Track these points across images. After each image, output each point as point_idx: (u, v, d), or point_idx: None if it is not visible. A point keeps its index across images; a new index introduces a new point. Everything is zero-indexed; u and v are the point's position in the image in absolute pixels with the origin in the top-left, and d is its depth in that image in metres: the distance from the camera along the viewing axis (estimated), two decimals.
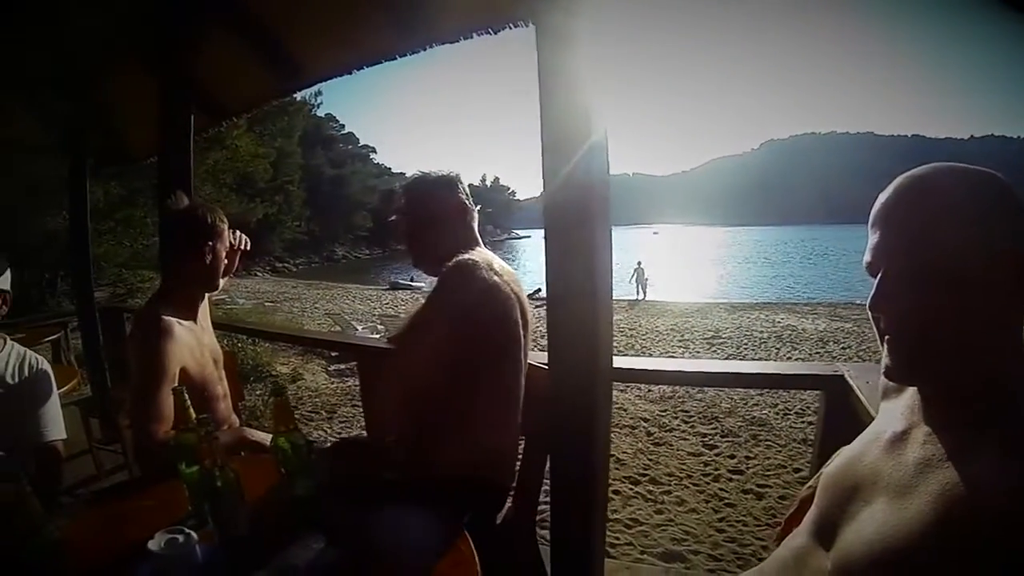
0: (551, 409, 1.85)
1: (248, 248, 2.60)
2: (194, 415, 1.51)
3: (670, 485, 5.51)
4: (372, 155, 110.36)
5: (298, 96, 33.14)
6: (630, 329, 17.07)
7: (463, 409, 1.75)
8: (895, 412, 1.02)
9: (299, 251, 65.58)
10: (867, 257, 0.94)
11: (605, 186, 1.66)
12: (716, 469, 5.99)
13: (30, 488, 1.16)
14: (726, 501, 5.17)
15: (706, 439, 6.93)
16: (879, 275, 0.91)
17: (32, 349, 2.33)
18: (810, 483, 1.31)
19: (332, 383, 9.38)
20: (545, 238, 1.70)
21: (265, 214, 31.74)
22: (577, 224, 1.64)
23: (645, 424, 7.37)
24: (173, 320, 2.08)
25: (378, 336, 10.32)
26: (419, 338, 1.90)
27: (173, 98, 3.26)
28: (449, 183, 2.05)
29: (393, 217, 2.14)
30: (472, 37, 2.52)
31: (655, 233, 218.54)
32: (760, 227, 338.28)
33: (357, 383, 8.83)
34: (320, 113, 63.24)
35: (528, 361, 1.99)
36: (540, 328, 2.08)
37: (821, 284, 42.00)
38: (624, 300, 24.11)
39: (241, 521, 1.38)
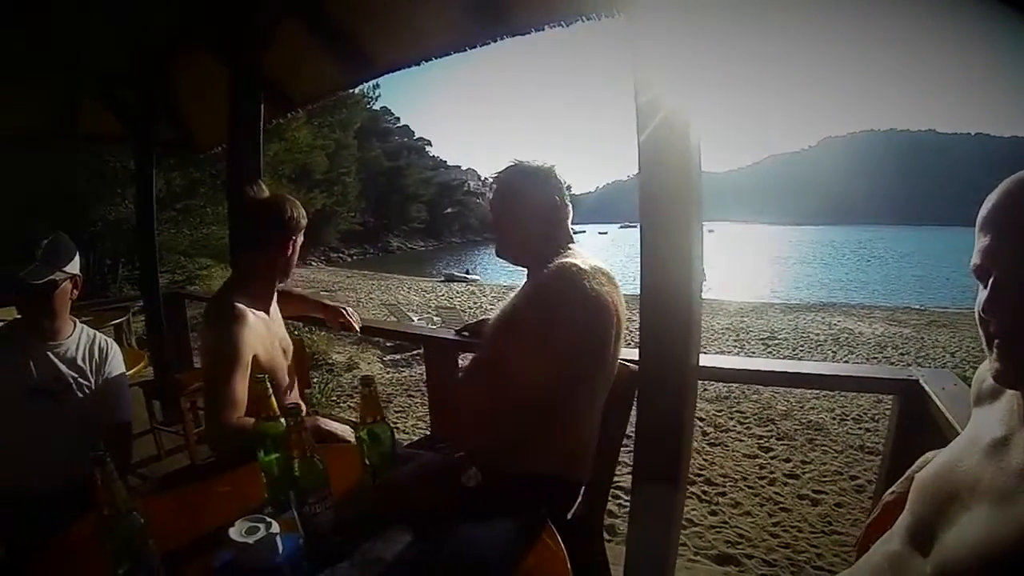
0: (639, 406, 1.81)
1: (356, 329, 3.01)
2: (276, 404, 1.53)
3: (725, 487, 5.46)
4: (427, 148, 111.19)
5: (356, 89, 33.60)
6: None
7: (551, 414, 1.68)
8: (992, 418, 1.01)
9: (354, 241, 66.65)
10: (975, 260, 0.92)
11: (699, 182, 1.61)
12: (771, 472, 5.91)
13: (115, 471, 1.16)
14: (781, 505, 5.11)
15: (762, 441, 6.85)
16: (990, 280, 0.89)
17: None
18: (893, 488, 1.30)
19: (388, 372, 9.50)
20: (641, 235, 1.63)
21: (322, 205, 32.25)
22: (674, 221, 1.58)
23: (700, 424, 7.29)
24: (247, 309, 2.09)
25: (435, 328, 10.40)
26: (513, 343, 1.88)
27: (244, 89, 3.28)
28: (546, 175, 1.97)
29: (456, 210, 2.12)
30: (543, 29, 2.49)
31: (710, 231, 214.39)
32: (816, 226, 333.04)
33: (412, 373, 8.94)
34: (375, 106, 63.67)
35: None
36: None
37: (878, 287, 41.08)
38: None
39: (328, 512, 1.38)
